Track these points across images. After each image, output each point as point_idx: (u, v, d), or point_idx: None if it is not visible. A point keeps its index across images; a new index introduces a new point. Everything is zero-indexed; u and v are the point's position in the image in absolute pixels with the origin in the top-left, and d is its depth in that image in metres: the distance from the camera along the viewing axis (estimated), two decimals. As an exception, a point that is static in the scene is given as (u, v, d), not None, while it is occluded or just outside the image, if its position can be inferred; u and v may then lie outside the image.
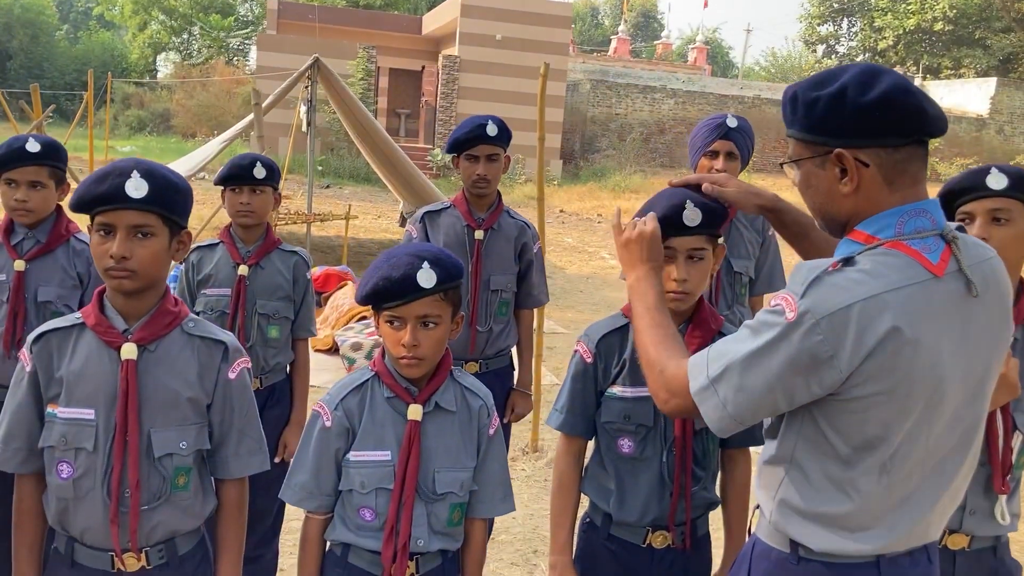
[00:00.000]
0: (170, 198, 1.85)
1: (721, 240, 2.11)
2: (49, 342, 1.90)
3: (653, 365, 1.70)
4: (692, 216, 1.98)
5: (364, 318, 7.60)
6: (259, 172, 3.11)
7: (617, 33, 43.59)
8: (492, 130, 3.26)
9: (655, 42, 50.36)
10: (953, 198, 2.14)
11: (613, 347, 2.16)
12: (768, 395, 1.51)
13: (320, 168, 20.84)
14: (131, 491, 1.85)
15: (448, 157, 3.41)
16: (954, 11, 36.08)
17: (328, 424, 1.98)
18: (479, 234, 3.38)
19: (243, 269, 3.15)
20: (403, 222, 13.90)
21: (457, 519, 2.02)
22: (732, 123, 3.27)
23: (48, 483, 1.90)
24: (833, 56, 43.26)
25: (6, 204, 2.79)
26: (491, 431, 2.07)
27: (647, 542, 2.14)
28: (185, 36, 40.14)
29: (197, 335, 1.96)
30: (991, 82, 31.26)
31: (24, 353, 1.92)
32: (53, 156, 2.81)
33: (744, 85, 34.78)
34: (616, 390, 2.14)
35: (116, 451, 1.85)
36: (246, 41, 39.77)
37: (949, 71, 37.29)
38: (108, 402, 1.85)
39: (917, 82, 33.48)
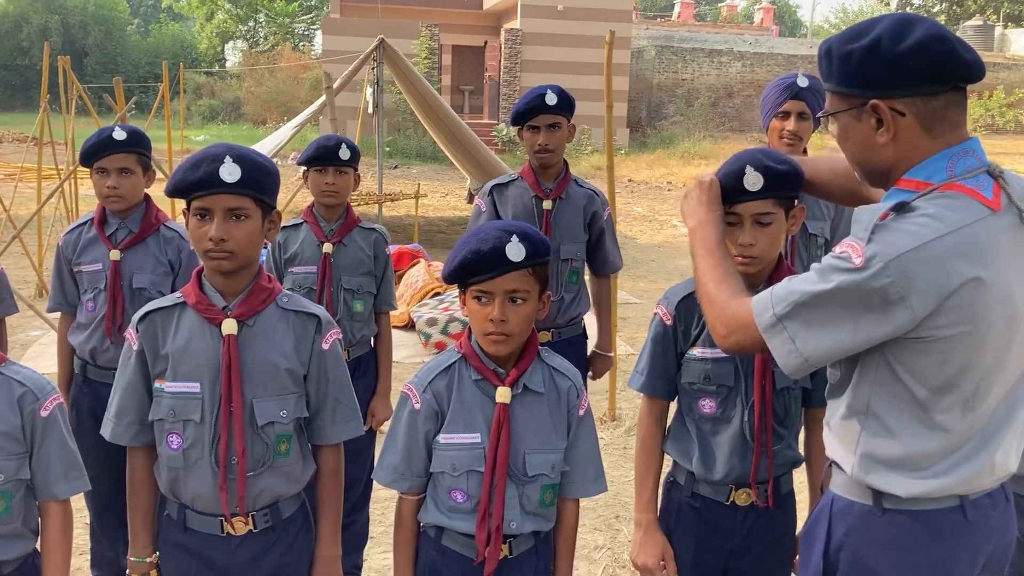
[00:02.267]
0: (261, 181, 1.94)
1: (799, 202, 2.11)
2: (153, 321, 2.02)
3: (714, 302, 1.74)
4: (753, 180, 1.98)
5: (438, 294, 7.72)
6: (344, 154, 3.22)
7: (680, -3, 42.79)
8: (551, 99, 3.29)
9: (719, 4, 49.31)
10: None
11: (692, 309, 2.18)
12: (836, 334, 1.53)
13: (388, 149, 21.08)
14: (237, 458, 1.96)
15: (514, 131, 3.47)
16: (1036, -46, 34.54)
17: (417, 407, 1.99)
18: (547, 204, 3.42)
19: (327, 247, 3.27)
20: (471, 199, 14.00)
21: (549, 500, 2.02)
22: (803, 82, 3.23)
23: (159, 454, 2.03)
24: (908, 8, 41.79)
25: (99, 192, 2.95)
26: (580, 412, 2.06)
27: (730, 499, 2.17)
28: (251, 24, 40.79)
29: (292, 309, 2.06)
30: (1078, 27, 29.88)
31: (130, 332, 2.04)
32: (139, 143, 2.95)
33: (813, 44, 33.86)
34: (696, 351, 2.17)
35: (222, 421, 1.96)
36: (311, 26, 40.28)
37: (1032, 18, 35.72)
38: (212, 375, 1.96)
39: (998, 31, 32.19)
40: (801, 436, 2.32)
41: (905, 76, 1.52)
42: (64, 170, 8.48)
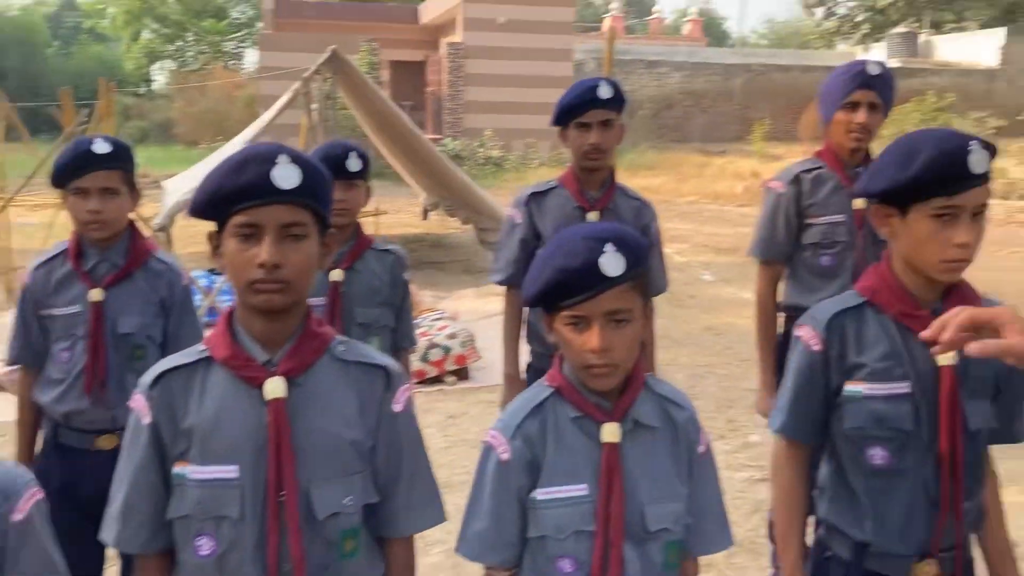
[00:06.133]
0: (322, 188, 1.48)
1: None
2: (170, 385, 1.51)
3: None
4: (978, 159, 1.57)
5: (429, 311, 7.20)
6: (353, 164, 2.71)
7: (609, 11, 42.94)
8: (605, 92, 2.82)
9: (648, 17, 49.73)
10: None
11: (848, 329, 1.76)
12: None
13: (330, 166, 20.45)
14: (294, 565, 1.46)
15: (459, 145, 3.03)
16: (955, -37, 35.50)
17: (506, 458, 1.60)
18: (592, 216, 2.96)
19: (336, 273, 2.74)
20: (425, 215, 13.51)
21: (674, 560, 1.63)
22: (874, 70, 2.86)
23: (181, 563, 1.51)
24: (833, 18, 42.57)
25: (78, 218, 2.39)
26: (701, 448, 1.68)
27: (911, 575, 1.74)
28: (179, 43, 39.67)
29: (352, 360, 1.58)
30: (1000, 32, 30.63)
31: (139, 400, 1.52)
32: (124, 157, 2.41)
33: (747, 54, 34.26)
34: (860, 387, 1.74)
35: (270, 516, 1.46)
36: (241, 44, 39.33)
37: (952, 25, 36.65)
38: (254, 455, 1.47)
39: (923, 38, 32.91)
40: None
41: None
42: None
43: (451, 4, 25.03)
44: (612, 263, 1.51)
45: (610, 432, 1.58)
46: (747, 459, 4.74)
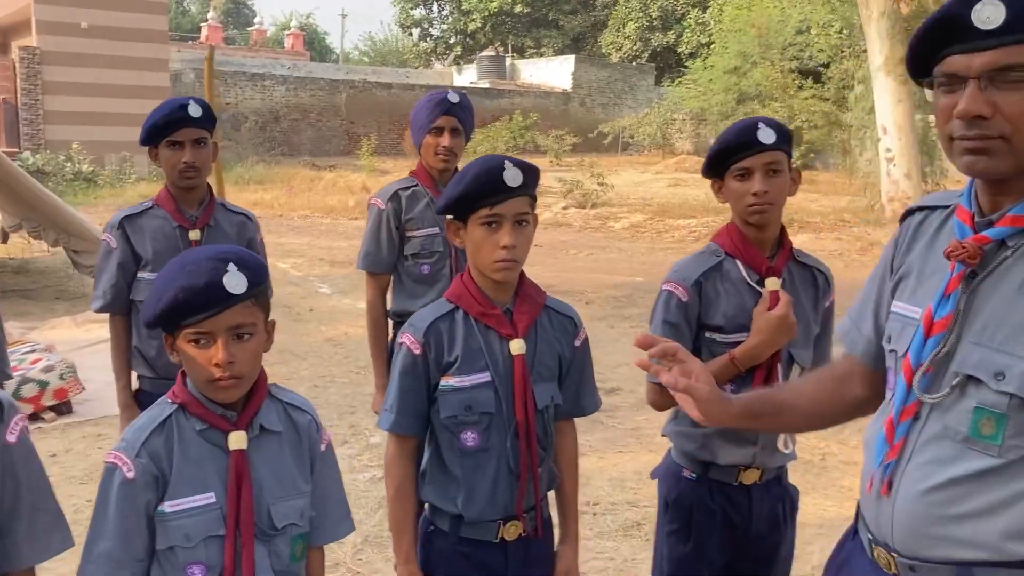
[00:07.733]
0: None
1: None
2: None
3: None
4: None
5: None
6: None
7: (207, 20, 41.48)
8: (196, 111, 2.92)
9: (248, 29, 48.79)
10: (727, 156, 2.24)
11: (442, 334, 2.02)
12: None
13: None
14: None
15: (40, 160, 3.02)
16: (530, -6, 39.49)
17: (131, 475, 1.64)
18: (194, 234, 3.02)
19: None
20: (5, 237, 12.08)
21: (300, 552, 1.80)
22: (454, 98, 3.25)
23: None
24: (429, 39, 45.13)
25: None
26: (322, 447, 1.86)
27: (499, 536, 2.03)
28: None
29: None
30: (571, 59, 34.65)
31: None
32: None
33: (350, 70, 35.09)
34: (452, 381, 2.00)
35: None
36: None
37: (531, 50, 40.71)
38: None
39: (508, 61, 36.11)
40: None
41: None
42: None
43: (20, 4, 22.50)
44: (235, 281, 1.64)
45: (237, 440, 1.69)
46: (369, 460, 4.97)
